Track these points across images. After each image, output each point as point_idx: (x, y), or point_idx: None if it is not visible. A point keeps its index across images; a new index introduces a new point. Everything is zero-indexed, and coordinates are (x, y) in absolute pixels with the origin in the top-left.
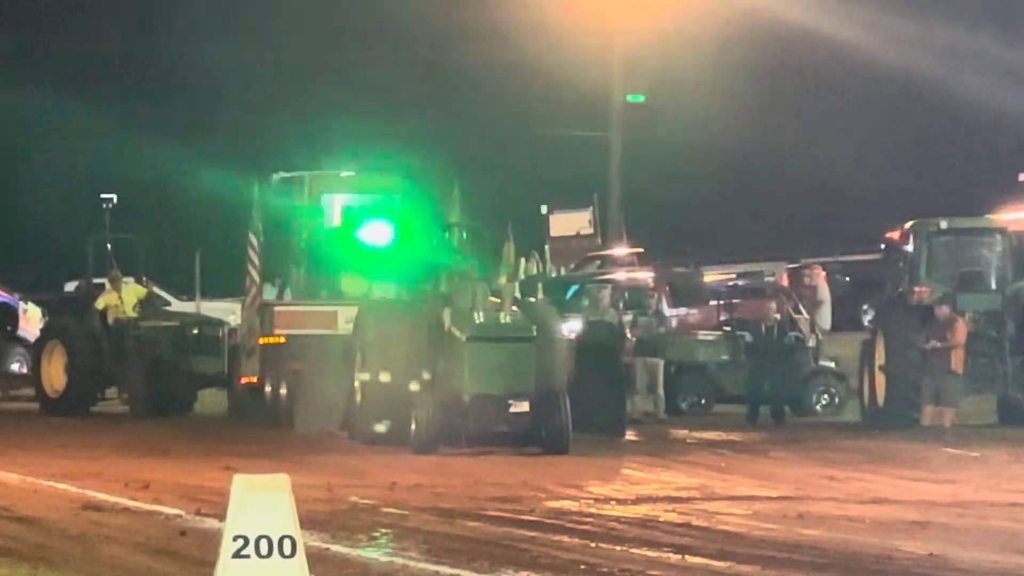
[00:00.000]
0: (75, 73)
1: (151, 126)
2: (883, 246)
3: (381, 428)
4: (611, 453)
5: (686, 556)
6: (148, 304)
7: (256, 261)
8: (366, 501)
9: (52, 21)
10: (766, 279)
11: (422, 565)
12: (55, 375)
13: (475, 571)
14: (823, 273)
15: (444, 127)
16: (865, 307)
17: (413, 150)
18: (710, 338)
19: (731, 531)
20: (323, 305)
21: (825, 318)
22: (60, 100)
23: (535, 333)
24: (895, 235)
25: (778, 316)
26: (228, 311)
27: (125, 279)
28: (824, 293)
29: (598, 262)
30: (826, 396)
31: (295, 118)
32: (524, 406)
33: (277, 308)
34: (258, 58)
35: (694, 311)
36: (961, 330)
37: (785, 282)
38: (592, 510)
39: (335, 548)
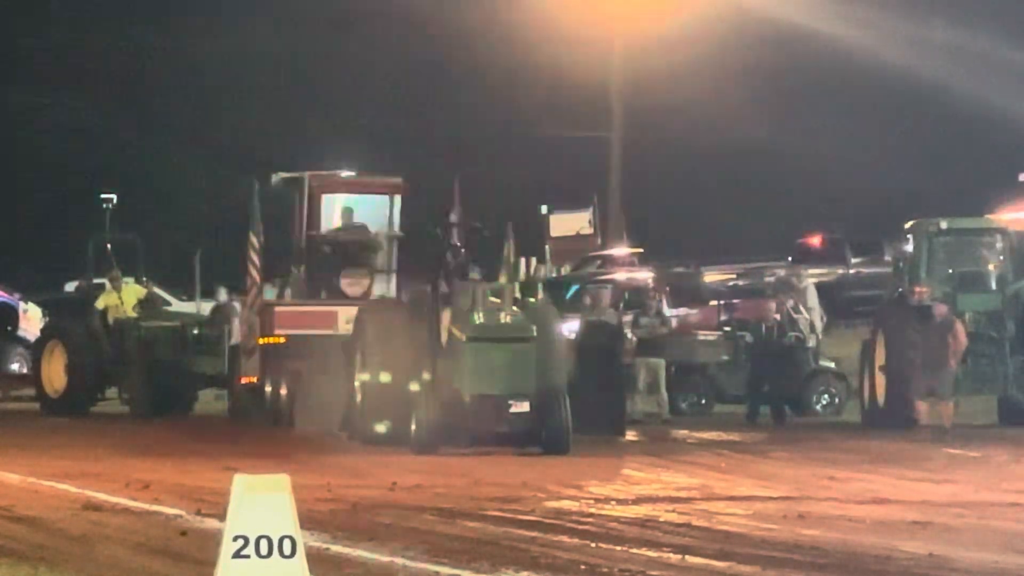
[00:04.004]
0: (75, 72)
1: (151, 125)
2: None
3: (381, 428)
4: (611, 453)
5: (686, 556)
6: (148, 304)
7: (256, 261)
8: (366, 501)
9: (52, 21)
10: (766, 279)
11: (422, 565)
12: (55, 375)
13: (475, 571)
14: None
15: (444, 127)
16: None
17: (413, 150)
18: (710, 338)
19: (731, 531)
20: (323, 305)
21: (817, 323)
22: (60, 100)
23: (535, 333)
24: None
25: (778, 316)
26: None
27: (125, 279)
28: (814, 298)
29: (598, 262)
30: (826, 396)
31: (295, 118)
32: (524, 406)
33: (277, 308)
34: (259, 58)
35: (694, 311)
36: (960, 330)
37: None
38: (592, 510)
39: (335, 548)
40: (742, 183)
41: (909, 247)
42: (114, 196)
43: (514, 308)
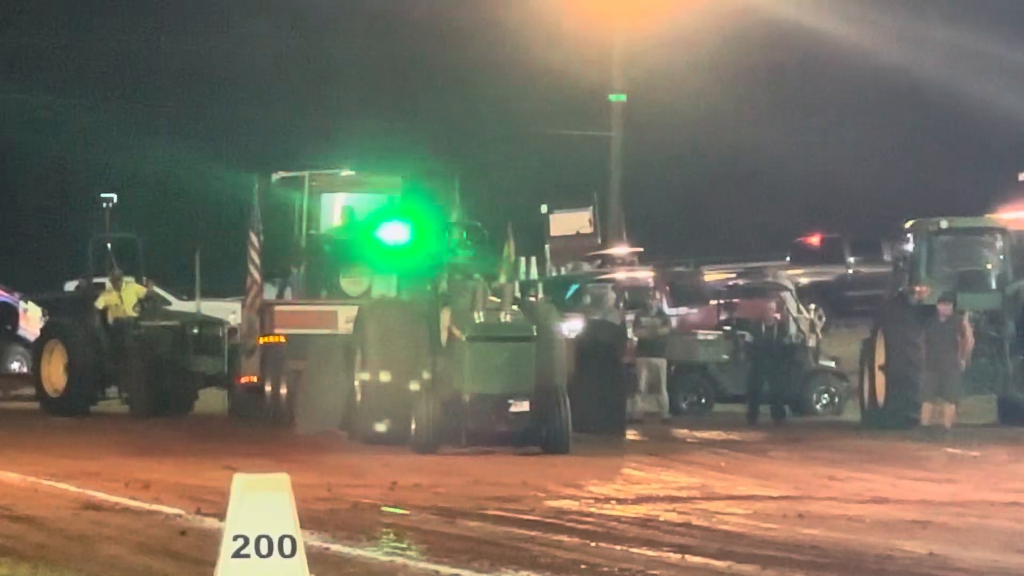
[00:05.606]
0: (75, 73)
1: (151, 126)
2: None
3: (381, 428)
4: (611, 453)
5: (686, 556)
6: (148, 304)
7: (256, 261)
8: (366, 501)
9: (52, 21)
10: (766, 279)
11: (422, 565)
12: (55, 375)
13: (475, 571)
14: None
15: (444, 127)
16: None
17: (413, 149)
18: (710, 338)
19: (731, 531)
20: (323, 305)
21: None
22: (60, 100)
23: (535, 333)
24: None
25: (778, 316)
26: (228, 311)
27: (126, 279)
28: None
29: (598, 261)
30: (826, 396)
31: (295, 118)
32: (524, 406)
33: (277, 308)
34: (259, 57)
35: (694, 311)
36: (968, 329)
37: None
38: (592, 510)
39: (335, 548)
40: (742, 183)
41: (909, 247)
42: (114, 196)
43: (514, 308)
